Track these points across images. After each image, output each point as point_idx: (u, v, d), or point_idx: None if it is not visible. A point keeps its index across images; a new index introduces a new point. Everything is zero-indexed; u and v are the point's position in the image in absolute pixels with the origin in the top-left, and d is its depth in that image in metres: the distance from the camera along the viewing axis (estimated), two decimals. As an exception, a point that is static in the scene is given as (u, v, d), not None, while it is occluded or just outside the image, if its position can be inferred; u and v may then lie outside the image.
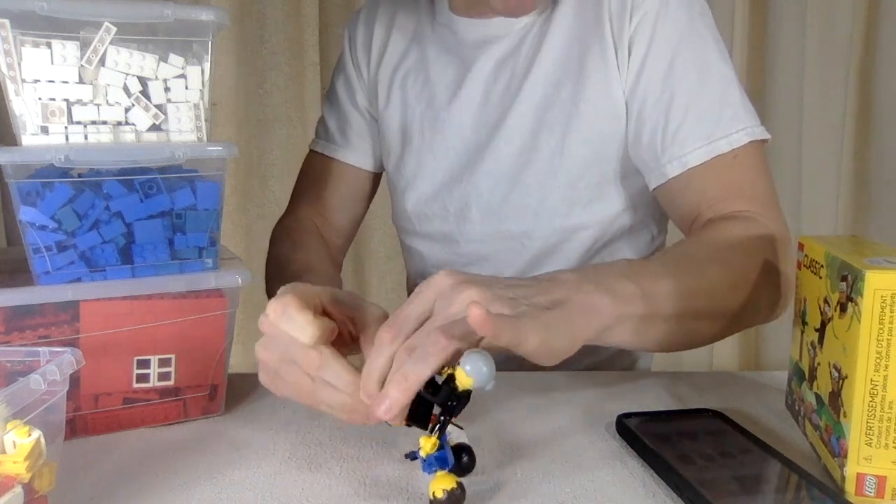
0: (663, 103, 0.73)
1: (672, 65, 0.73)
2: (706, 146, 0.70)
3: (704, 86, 0.72)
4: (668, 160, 0.72)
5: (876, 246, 0.53)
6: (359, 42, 0.93)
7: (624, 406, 0.62)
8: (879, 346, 0.45)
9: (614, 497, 0.48)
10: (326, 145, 0.96)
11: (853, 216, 1.91)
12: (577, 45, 0.77)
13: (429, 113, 0.86)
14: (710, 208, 0.71)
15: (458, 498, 0.45)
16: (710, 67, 0.73)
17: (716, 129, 0.71)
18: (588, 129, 0.77)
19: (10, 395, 0.42)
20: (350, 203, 0.97)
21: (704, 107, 0.72)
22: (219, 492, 0.50)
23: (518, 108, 0.80)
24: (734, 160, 0.70)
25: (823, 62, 1.81)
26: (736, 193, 0.70)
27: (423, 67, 0.87)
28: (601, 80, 0.76)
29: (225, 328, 0.62)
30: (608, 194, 0.81)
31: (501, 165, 0.82)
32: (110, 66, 0.58)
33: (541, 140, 0.79)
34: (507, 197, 0.82)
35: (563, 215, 0.82)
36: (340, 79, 0.96)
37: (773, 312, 0.68)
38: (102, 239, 0.58)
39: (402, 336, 0.47)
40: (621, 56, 0.75)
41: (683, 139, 0.72)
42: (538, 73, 0.79)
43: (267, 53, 1.72)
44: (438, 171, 0.86)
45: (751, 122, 0.72)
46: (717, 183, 0.71)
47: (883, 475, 0.46)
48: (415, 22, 0.89)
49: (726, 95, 0.72)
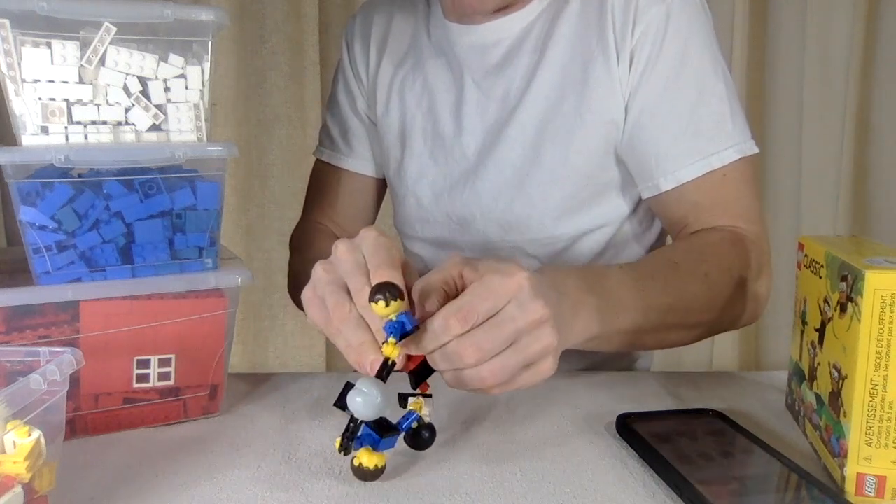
0: (659, 119, 0.75)
1: (671, 81, 0.74)
2: (699, 162, 0.73)
3: (700, 103, 0.74)
4: (661, 174, 0.75)
5: (876, 246, 0.53)
6: (357, 48, 0.93)
7: (624, 406, 0.62)
8: (879, 346, 0.45)
9: (614, 497, 0.48)
10: (332, 154, 0.96)
11: (853, 216, 1.91)
12: (580, 54, 0.77)
13: (429, 118, 0.86)
14: (698, 220, 0.75)
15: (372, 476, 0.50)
16: (708, 84, 0.75)
17: (709, 145, 0.73)
18: (591, 139, 0.78)
19: (10, 395, 0.42)
20: (360, 209, 0.98)
21: (699, 124, 0.74)
22: (219, 492, 0.50)
23: (520, 116, 0.80)
24: (724, 177, 0.74)
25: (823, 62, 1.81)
26: (723, 208, 0.75)
27: (421, 73, 0.87)
28: (605, 89, 0.76)
29: (225, 328, 0.62)
30: (611, 200, 0.82)
31: (504, 174, 0.82)
32: (110, 66, 0.58)
33: (544, 150, 0.79)
34: (511, 206, 0.82)
35: (566, 221, 0.82)
36: (340, 85, 0.96)
37: (738, 325, 0.73)
38: (102, 239, 0.58)
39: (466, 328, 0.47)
40: (622, 66, 0.76)
41: (677, 155, 0.74)
42: (541, 82, 0.79)
43: (267, 53, 1.72)
44: (440, 177, 0.86)
45: (741, 138, 0.75)
46: (706, 197, 0.75)
47: (883, 475, 0.46)
48: (412, 27, 0.89)
49: (721, 112, 0.74)
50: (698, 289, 0.66)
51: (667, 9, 0.74)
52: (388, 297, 0.45)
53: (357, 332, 0.49)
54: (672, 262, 0.68)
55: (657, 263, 0.68)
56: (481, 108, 0.82)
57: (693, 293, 0.66)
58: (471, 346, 0.46)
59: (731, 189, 0.74)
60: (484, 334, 0.46)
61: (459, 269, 0.49)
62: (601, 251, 0.84)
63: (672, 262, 0.68)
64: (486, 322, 0.47)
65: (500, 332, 0.47)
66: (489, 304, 0.47)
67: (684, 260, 0.68)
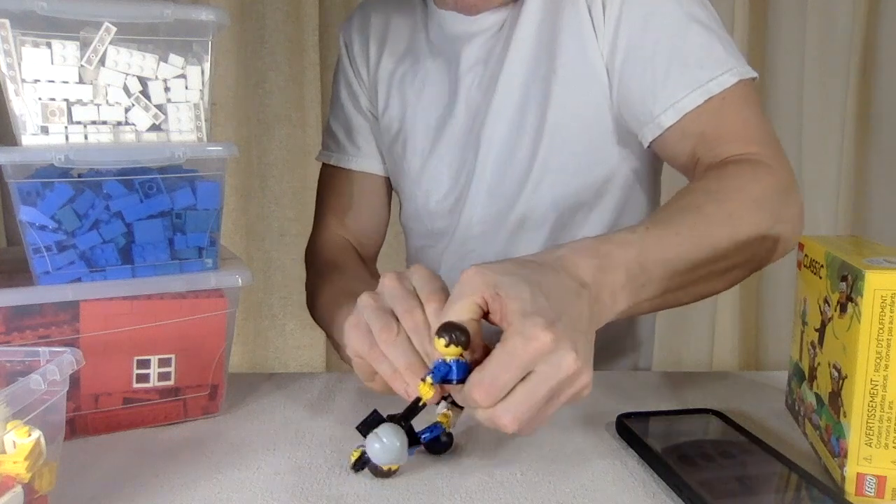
0: (646, 56, 0.73)
1: (649, 16, 0.73)
2: (697, 89, 0.70)
3: (685, 33, 0.72)
4: (661, 110, 0.72)
5: (876, 246, 0.53)
6: (356, 46, 0.93)
7: (624, 406, 0.62)
8: (879, 346, 0.45)
9: (614, 497, 0.48)
10: (339, 157, 0.95)
11: (853, 216, 1.91)
12: (549, 15, 0.77)
13: (430, 113, 0.86)
14: (710, 152, 0.71)
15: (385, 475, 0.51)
16: (688, 14, 0.72)
17: (703, 73, 0.71)
18: (568, 97, 0.77)
19: (10, 395, 0.41)
20: (373, 209, 0.96)
21: (688, 53, 0.71)
22: (219, 492, 0.50)
23: (501, 89, 0.80)
24: (724, 101, 0.71)
25: (823, 62, 1.81)
26: (732, 135, 0.71)
27: (421, 68, 0.87)
28: (577, 45, 0.76)
29: (225, 328, 0.62)
30: (607, 161, 0.81)
31: (494, 148, 0.81)
32: (110, 66, 0.58)
33: (527, 116, 0.79)
34: (505, 177, 0.82)
35: (563, 187, 0.81)
36: (342, 85, 0.96)
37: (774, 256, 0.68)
38: (102, 239, 0.58)
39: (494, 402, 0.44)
40: (596, 17, 0.75)
41: (673, 87, 0.71)
42: (515, 52, 0.79)
43: (267, 53, 1.72)
44: (444, 168, 0.86)
45: (736, 63, 0.72)
46: (712, 125, 0.71)
47: (883, 475, 0.46)
48: (410, 26, 0.89)
49: (709, 40, 0.72)
50: (725, 232, 0.61)
51: None
52: (454, 340, 0.44)
53: (406, 354, 0.48)
54: (691, 208, 0.63)
55: (677, 215, 0.62)
56: (473, 94, 0.82)
57: (720, 237, 0.61)
58: (506, 415, 0.44)
59: (735, 114, 0.71)
60: (518, 405, 0.44)
61: (482, 295, 0.46)
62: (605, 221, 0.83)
63: (692, 209, 0.63)
64: (518, 388, 0.44)
65: (534, 395, 0.44)
66: (515, 374, 0.44)
67: (704, 203, 0.63)
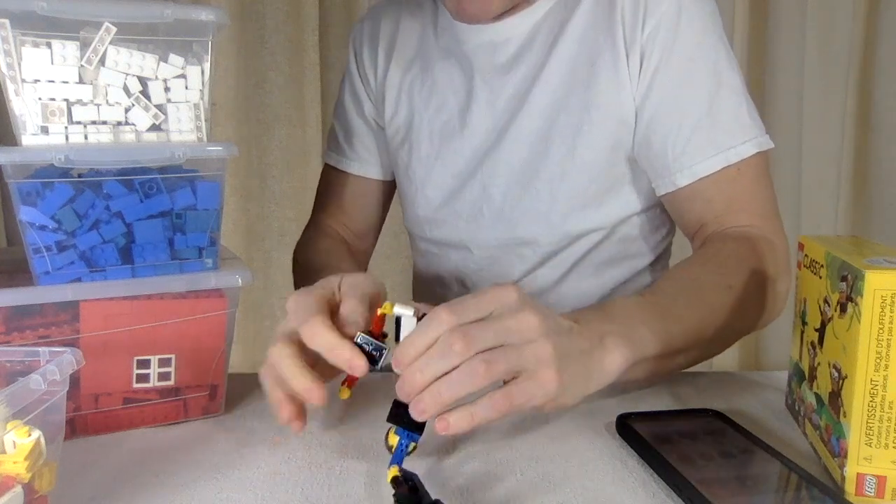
0: (676, 113, 0.74)
1: (685, 75, 0.74)
2: (716, 156, 0.72)
3: (716, 96, 0.73)
4: (678, 169, 0.74)
5: (876, 246, 0.53)
6: (365, 54, 0.93)
7: (624, 406, 0.62)
8: (879, 346, 0.45)
9: (614, 497, 0.48)
10: (338, 159, 0.98)
11: (853, 216, 1.91)
12: (587, 50, 0.77)
13: (436, 119, 0.86)
14: (716, 220, 0.74)
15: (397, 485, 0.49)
16: (722, 77, 0.74)
17: (726, 139, 0.72)
18: (598, 135, 0.78)
19: (10, 395, 0.41)
20: (367, 211, 0.99)
21: (716, 118, 0.73)
22: (219, 492, 0.50)
23: (527, 112, 0.80)
24: (739, 172, 0.73)
25: (823, 62, 1.82)
26: (740, 206, 0.73)
27: (430, 74, 0.87)
28: (612, 86, 0.76)
29: (225, 328, 0.62)
30: (620, 197, 0.82)
31: (512, 171, 0.82)
32: (110, 66, 0.58)
33: (551, 146, 0.79)
34: (519, 203, 0.83)
35: (574, 218, 0.82)
36: (347, 90, 0.97)
37: (759, 325, 0.71)
38: (102, 239, 0.58)
39: (456, 322, 0.48)
40: (633, 63, 0.75)
41: (694, 150, 0.73)
42: (548, 78, 0.79)
43: (267, 53, 1.72)
44: (448, 178, 0.86)
45: (758, 132, 0.74)
46: (723, 194, 0.73)
47: (883, 475, 0.46)
48: (419, 29, 0.89)
49: (737, 106, 0.74)
50: (723, 302, 0.64)
51: (678, 2, 0.73)
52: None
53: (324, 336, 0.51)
54: (693, 279, 0.66)
55: (678, 283, 0.66)
56: (490, 107, 0.82)
57: (719, 308, 0.64)
58: (461, 337, 0.46)
59: (746, 186, 0.73)
60: (474, 329, 0.47)
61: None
62: (609, 249, 0.84)
63: (693, 280, 0.66)
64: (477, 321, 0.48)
65: (489, 325, 0.48)
66: (480, 307, 0.49)
67: (705, 274, 0.66)
